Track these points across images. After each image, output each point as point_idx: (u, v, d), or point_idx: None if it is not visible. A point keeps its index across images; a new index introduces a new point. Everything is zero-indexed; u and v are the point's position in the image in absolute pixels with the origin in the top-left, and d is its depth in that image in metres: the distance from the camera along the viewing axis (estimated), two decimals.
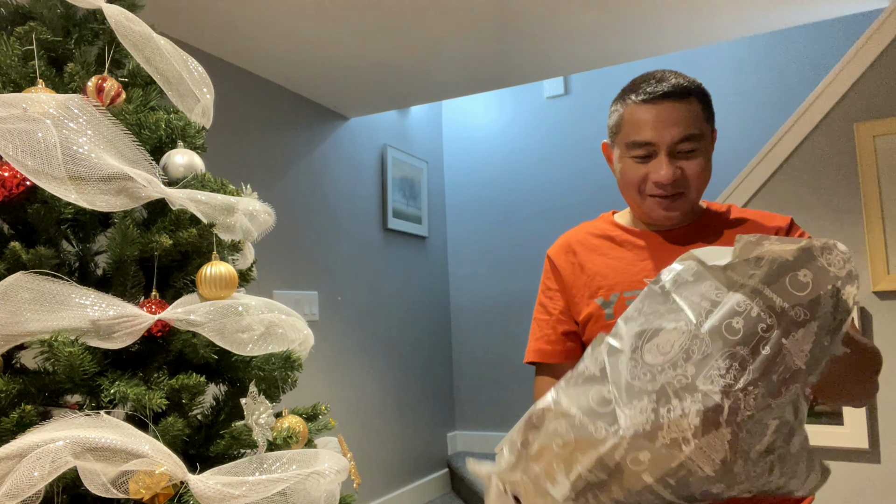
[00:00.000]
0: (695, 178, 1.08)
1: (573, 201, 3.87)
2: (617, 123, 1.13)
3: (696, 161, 1.08)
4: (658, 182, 1.07)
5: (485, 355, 4.17)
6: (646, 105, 1.07)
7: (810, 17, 2.58)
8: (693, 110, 1.07)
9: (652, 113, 1.07)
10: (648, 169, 1.08)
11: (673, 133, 1.05)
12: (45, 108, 0.97)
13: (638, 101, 1.09)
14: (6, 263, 0.98)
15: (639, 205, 1.14)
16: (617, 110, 1.14)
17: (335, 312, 3.22)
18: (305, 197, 3.10)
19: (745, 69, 3.50)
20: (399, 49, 2.69)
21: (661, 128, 1.06)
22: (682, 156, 1.07)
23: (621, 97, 1.14)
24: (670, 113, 1.06)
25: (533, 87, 4.06)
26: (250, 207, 1.21)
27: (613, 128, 1.15)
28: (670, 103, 1.06)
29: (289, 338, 1.14)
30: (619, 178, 1.16)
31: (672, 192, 1.08)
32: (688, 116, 1.06)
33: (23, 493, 0.79)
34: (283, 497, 0.94)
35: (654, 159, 1.08)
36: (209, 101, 1.26)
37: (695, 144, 1.07)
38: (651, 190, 1.10)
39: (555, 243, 1.28)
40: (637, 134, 1.08)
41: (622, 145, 1.12)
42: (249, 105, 2.83)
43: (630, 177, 1.11)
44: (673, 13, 2.49)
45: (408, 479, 3.63)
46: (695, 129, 1.07)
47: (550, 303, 1.24)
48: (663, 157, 1.06)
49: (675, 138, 1.06)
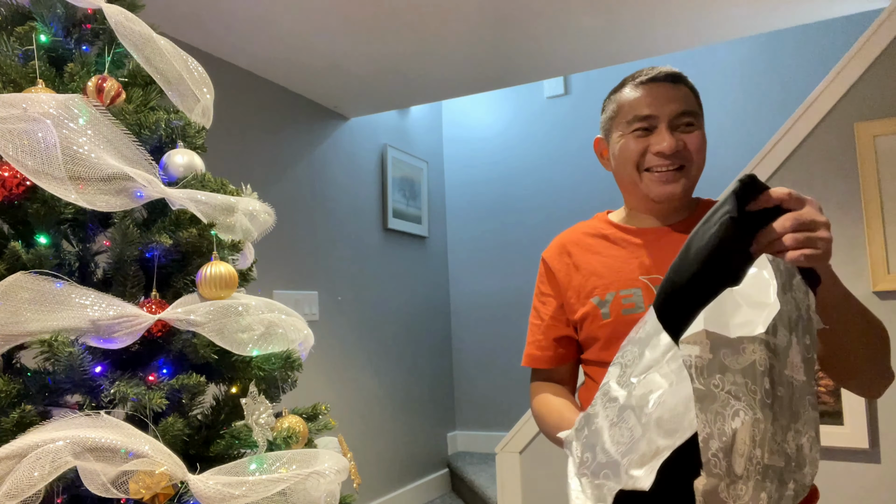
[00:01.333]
0: (696, 151, 1.10)
1: (573, 201, 3.87)
2: (614, 110, 1.16)
3: (695, 134, 1.11)
4: (660, 152, 1.08)
5: (485, 355, 4.17)
6: (643, 86, 1.11)
7: (811, 16, 2.59)
8: (687, 94, 1.12)
9: (650, 92, 1.11)
10: (649, 141, 1.10)
11: (672, 107, 1.09)
12: (45, 108, 0.97)
13: (635, 85, 1.13)
14: (6, 263, 0.98)
15: (637, 184, 1.13)
16: (613, 101, 1.17)
17: (335, 312, 3.22)
18: (305, 197, 3.10)
19: (745, 69, 3.50)
20: (399, 49, 2.69)
21: (660, 103, 1.10)
22: (682, 129, 1.10)
23: (615, 91, 1.17)
24: (667, 91, 1.10)
25: (533, 87, 4.06)
26: (250, 207, 1.21)
27: (610, 114, 1.17)
28: (666, 84, 1.11)
29: (289, 338, 1.14)
30: (617, 159, 1.16)
31: (673, 166, 1.09)
32: (684, 96, 1.11)
33: (23, 493, 0.79)
34: (283, 497, 0.94)
35: (655, 133, 1.10)
36: (209, 101, 1.26)
37: (693, 119, 1.11)
38: (651, 162, 1.10)
39: (549, 245, 1.28)
40: (638, 109, 1.11)
41: (622, 124, 1.13)
42: (249, 105, 2.83)
43: (630, 152, 1.12)
44: (673, 13, 2.49)
45: (408, 479, 3.63)
46: (692, 107, 1.11)
47: (543, 308, 1.25)
48: (664, 129, 1.09)
49: (674, 111, 1.09)
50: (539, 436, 2.40)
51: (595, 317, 1.14)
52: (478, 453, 4.07)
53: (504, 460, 2.46)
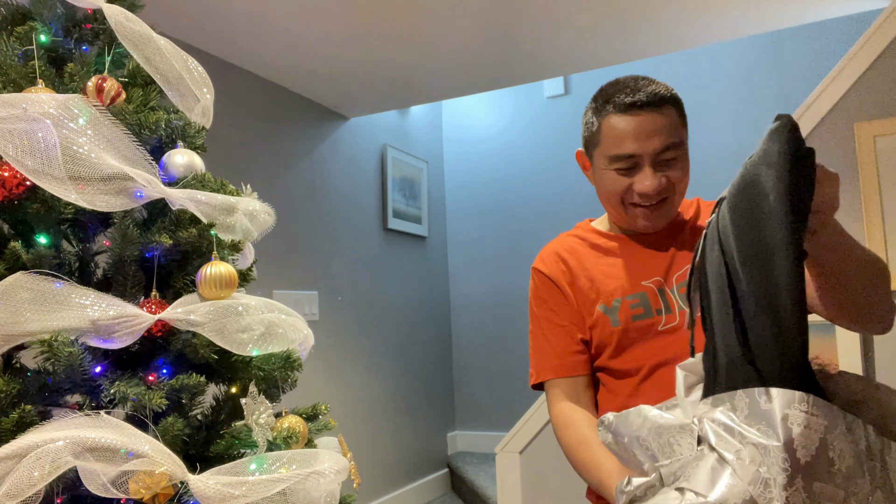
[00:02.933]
0: (679, 184, 1.09)
1: (573, 201, 3.87)
2: (595, 135, 1.11)
3: (678, 168, 1.08)
4: (644, 193, 1.07)
5: (485, 355, 4.17)
6: (625, 116, 1.06)
7: (810, 17, 2.58)
8: (671, 118, 1.06)
9: (632, 125, 1.05)
10: (633, 180, 1.08)
11: (655, 144, 1.05)
12: (45, 108, 0.97)
13: (616, 113, 1.07)
14: (6, 263, 0.98)
15: (622, 215, 1.13)
16: (592, 122, 1.12)
17: (335, 312, 3.22)
18: (306, 197, 3.10)
19: (745, 69, 3.49)
20: (399, 49, 2.69)
21: (643, 139, 1.05)
22: (665, 164, 1.07)
23: (595, 108, 1.11)
24: (650, 123, 1.05)
25: (533, 87, 4.06)
26: (250, 207, 1.21)
27: (591, 139, 1.13)
28: (648, 113, 1.05)
29: (289, 338, 1.14)
30: (600, 189, 1.14)
31: (656, 201, 1.09)
32: (668, 125, 1.05)
33: (23, 493, 0.79)
34: (283, 497, 0.94)
35: (638, 171, 1.07)
36: (209, 101, 1.26)
37: (676, 152, 1.07)
38: (635, 200, 1.09)
39: (539, 257, 1.24)
40: (619, 147, 1.06)
41: (603, 157, 1.10)
42: (249, 105, 2.83)
43: (613, 189, 1.10)
44: (673, 13, 2.49)
45: (408, 479, 3.63)
46: (675, 138, 1.06)
47: (557, 314, 1.19)
48: (647, 169, 1.06)
49: (657, 149, 1.05)
50: (539, 436, 2.40)
51: (604, 324, 1.13)
52: (478, 453, 4.07)
53: (504, 460, 2.46)
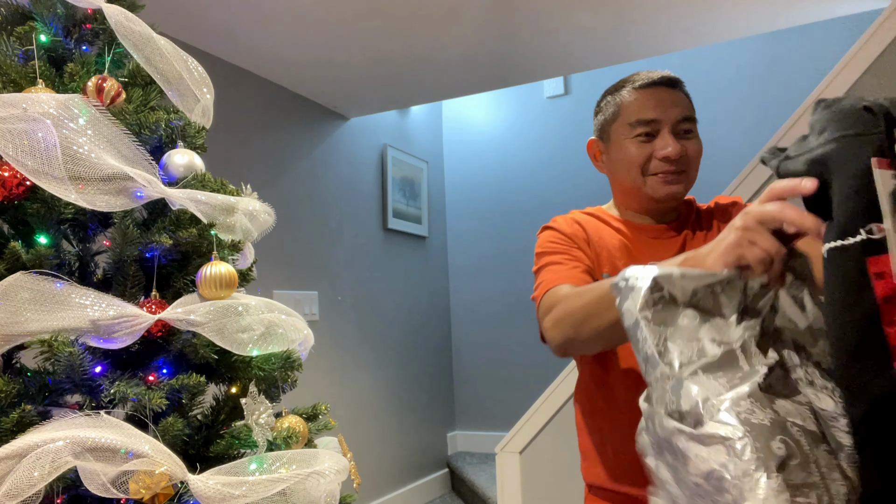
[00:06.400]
0: (695, 158, 1.14)
1: (573, 201, 3.85)
2: (614, 112, 1.17)
3: (694, 141, 1.14)
4: (666, 157, 1.10)
5: (485, 355, 4.16)
6: (645, 90, 1.13)
7: (810, 17, 2.59)
8: (685, 99, 1.15)
9: (653, 95, 1.13)
10: (653, 147, 1.12)
11: (675, 112, 1.12)
12: (45, 108, 0.97)
13: (636, 87, 1.14)
14: (6, 263, 0.98)
15: (640, 187, 1.15)
16: (611, 103, 1.18)
17: (335, 312, 3.22)
18: (306, 197, 3.10)
19: (745, 69, 3.49)
20: (399, 49, 2.69)
21: (664, 107, 1.12)
22: (683, 135, 1.13)
23: (614, 91, 1.18)
24: (668, 95, 1.13)
25: (533, 87, 4.06)
26: (250, 207, 1.21)
27: (609, 117, 1.18)
28: (666, 89, 1.13)
29: (289, 338, 1.14)
30: (618, 165, 1.17)
31: (677, 169, 1.12)
32: (683, 100, 1.14)
33: (23, 493, 0.79)
34: (283, 497, 0.94)
35: (658, 137, 1.12)
36: (209, 101, 1.26)
37: (692, 125, 1.14)
38: (656, 167, 1.12)
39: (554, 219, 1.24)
40: (641, 113, 1.12)
41: (624, 127, 1.14)
42: (249, 105, 2.83)
43: (634, 157, 1.13)
44: (673, 13, 2.49)
45: (408, 479, 3.63)
46: (691, 112, 1.14)
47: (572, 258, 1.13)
48: (668, 136, 1.11)
49: (677, 116, 1.12)
50: (539, 436, 2.39)
51: None
52: (478, 453, 4.07)
53: (504, 460, 2.45)
